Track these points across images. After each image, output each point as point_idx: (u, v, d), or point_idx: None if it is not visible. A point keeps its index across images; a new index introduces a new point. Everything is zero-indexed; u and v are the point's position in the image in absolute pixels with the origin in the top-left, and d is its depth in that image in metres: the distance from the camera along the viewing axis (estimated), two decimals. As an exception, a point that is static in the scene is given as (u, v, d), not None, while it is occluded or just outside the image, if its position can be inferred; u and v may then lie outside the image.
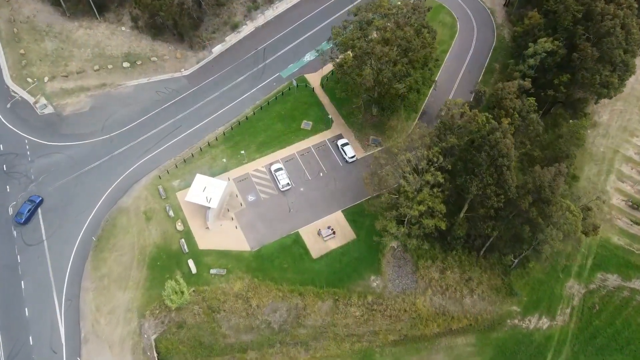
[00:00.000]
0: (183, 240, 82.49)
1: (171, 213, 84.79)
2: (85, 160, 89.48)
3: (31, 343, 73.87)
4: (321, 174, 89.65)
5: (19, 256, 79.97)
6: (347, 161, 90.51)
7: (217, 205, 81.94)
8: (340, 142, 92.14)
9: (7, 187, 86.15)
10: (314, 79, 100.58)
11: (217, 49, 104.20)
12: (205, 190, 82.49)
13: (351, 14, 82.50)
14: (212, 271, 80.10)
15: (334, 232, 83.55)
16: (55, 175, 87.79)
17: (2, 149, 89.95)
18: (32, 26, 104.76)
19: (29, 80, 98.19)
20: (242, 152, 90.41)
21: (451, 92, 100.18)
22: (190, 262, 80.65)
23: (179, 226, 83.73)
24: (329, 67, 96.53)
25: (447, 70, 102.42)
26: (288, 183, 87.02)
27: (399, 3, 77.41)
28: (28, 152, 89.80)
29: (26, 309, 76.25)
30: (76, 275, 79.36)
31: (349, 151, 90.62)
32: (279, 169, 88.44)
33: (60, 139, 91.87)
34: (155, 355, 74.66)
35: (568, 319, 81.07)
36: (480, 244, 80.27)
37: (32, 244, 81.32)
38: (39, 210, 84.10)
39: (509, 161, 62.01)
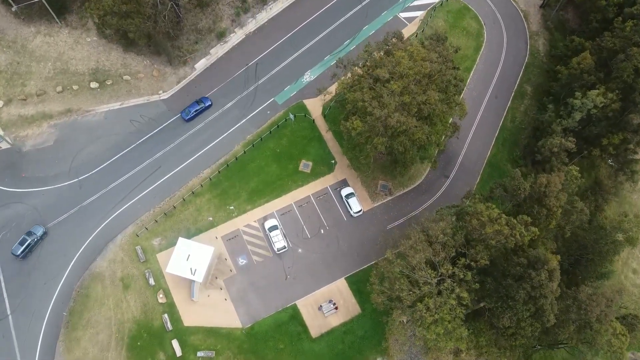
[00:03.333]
0: (166, 315, 73.07)
1: (152, 281, 74.62)
2: (50, 211, 77.60)
3: None
4: (322, 231, 78.46)
5: (-19, 336, 70.94)
6: (352, 215, 78.97)
7: (203, 278, 71.75)
8: (344, 191, 79.88)
9: (-38, 248, 75.26)
10: (315, 106, 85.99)
11: (201, 65, 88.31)
12: (189, 259, 71.97)
13: (361, 59, 67.08)
14: (199, 354, 71.56)
15: (336, 307, 74.06)
16: (17, 231, 76.01)
17: (-47, 198, 77.87)
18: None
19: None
20: (231, 207, 78.52)
21: (473, 123, 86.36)
22: (175, 343, 71.86)
23: (161, 298, 73.97)
24: (333, 87, 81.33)
25: (469, 95, 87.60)
26: (284, 246, 76.06)
27: (423, 62, 61.36)
28: (-15, 202, 77.94)
29: (-7, 402, 68.72)
30: (47, 359, 70.83)
31: (355, 205, 78.64)
32: (274, 227, 76.97)
33: (21, 183, 79.30)
34: None
35: (592, 408, 73.87)
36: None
37: (-4, 320, 72.13)
38: (1, 277, 73.92)
39: (551, 299, 51.04)
